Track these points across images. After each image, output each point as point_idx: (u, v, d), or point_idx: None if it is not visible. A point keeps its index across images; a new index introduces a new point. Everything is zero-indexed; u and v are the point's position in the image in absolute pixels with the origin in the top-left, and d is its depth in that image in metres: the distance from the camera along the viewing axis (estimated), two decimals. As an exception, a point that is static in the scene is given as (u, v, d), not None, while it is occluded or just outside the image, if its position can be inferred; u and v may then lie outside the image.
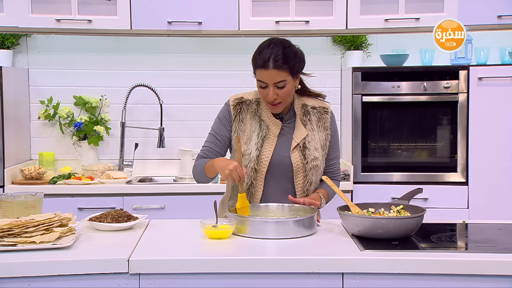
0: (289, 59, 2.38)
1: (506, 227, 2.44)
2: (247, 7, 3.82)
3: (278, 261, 1.99)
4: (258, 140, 2.46)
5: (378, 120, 3.89)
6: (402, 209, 2.34)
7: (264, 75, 2.37)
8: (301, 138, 2.48)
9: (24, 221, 2.08)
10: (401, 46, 4.18)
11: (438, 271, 1.96)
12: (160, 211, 3.68)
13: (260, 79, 2.39)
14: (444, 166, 3.84)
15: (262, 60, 2.36)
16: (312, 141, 2.50)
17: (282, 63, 2.35)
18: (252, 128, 2.50)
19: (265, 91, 2.41)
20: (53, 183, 3.73)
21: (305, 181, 2.49)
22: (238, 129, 2.50)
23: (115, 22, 3.80)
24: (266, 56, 2.36)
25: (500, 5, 3.79)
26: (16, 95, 3.97)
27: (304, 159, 2.47)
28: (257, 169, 2.45)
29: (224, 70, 4.28)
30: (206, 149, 2.56)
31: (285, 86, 2.39)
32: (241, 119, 2.51)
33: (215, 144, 2.55)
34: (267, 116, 2.51)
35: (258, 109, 2.53)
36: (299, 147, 2.48)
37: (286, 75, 2.38)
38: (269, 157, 2.45)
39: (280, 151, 2.47)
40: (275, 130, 2.49)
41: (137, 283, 1.97)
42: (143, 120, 4.25)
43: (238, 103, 2.53)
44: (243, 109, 2.52)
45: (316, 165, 2.49)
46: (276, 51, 2.36)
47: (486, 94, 3.77)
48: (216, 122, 2.58)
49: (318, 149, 2.52)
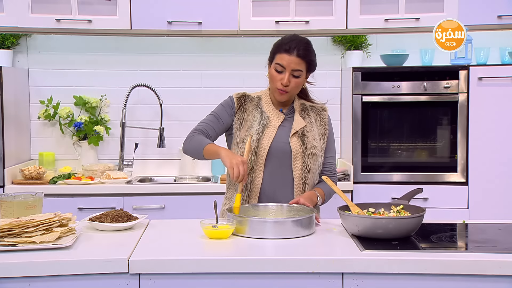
0: (310, 54, 2.54)
1: (506, 227, 2.44)
2: (247, 7, 3.82)
3: (278, 261, 1.99)
4: (259, 126, 2.55)
5: (378, 120, 3.89)
6: (402, 209, 2.34)
7: (285, 59, 2.49)
8: (300, 127, 2.57)
9: (24, 221, 2.08)
10: (401, 46, 4.19)
11: (438, 271, 1.96)
12: (160, 211, 3.69)
13: (279, 63, 2.51)
14: (444, 166, 3.84)
15: (288, 46, 2.50)
16: (311, 132, 2.59)
17: (304, 54, 2.51)
18: (254, 118, 2.58)
19: (279, 76, 2.52)
20: (53, 183, 3.73)
21: (303, 168, 2.54)
22: (240, 118, 2.59)
23: (115, 22, 3.80)
24: (293, 44, 2.51)
25: (500, 5, 3.79)
26: (16, 95, 3.97)
27: (302, 144, 2.54)
28: (257, 152, 2.52)
29: (224, 70, 4.28)
30: (205, 125, 2.62)
31: (299, 77, 2.52)
32: (244, 109, 2.61)
33: (214, 123, 2.61)
34: (269, 110, 2.61)
35: (260, 103, 2.63)
36: (297, 134, 2.57)
37: (304, 67, 2.52)
38: (269, 143, 2.53)
39: (280, 138, 2.56)
40: (276, 122, 2.58)
41: (137, 283, 1.97)
42: (143, 120, 4.25)
43: (241, 96, 2.64)
44: (246, 102, 2.63)
45: (314, 153, 2.55)
46: (302, 44, 2.53)
47: (486, 94, 3.77)
48: (218, 107, 2.66)
49: (317, 139, 2.59)
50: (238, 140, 2.57)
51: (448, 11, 3.78)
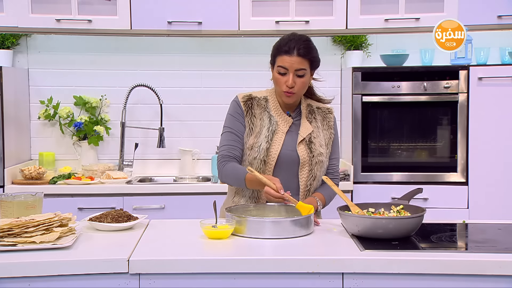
0: (311, 51, 2.49)
1: (506, 227, 2.43)
2: (247, 7, 3.82)
3: (278, 261, 1.99)
4: (268, 133, 2.51)
5: (378, 120, 3.89)
6: (402, 209, 2.34)
7: (286, 61, 2.45)
8: (307, 133, 2.54)
9: (24, 221, 2.08)
10: (401, 46, 4.19)
11: (438, 271, 1.96)
12: (160, 211, 3.69)
13: (281, 65, 2.47)
14: (444, 166, 3.84)
15: (288, 47, 2.46)
16: (317, 137, 2.56)
17: (305, 53, 2.46)
18: (263, 123, 2.54)
19: (283, 78, 2.47)
20: (53, 183, 3.73)
21: (310, 176, 2.53)
22: (250, 123, 2.54)
23: (115, 22, 3.80)
24: (292, 44, 2.46)
25: (500, 5, 3.79)
26: (16, 95, 3.97)
27: (310, 152, 2.52)
28: (266, 161, 2.49)
29: (224, 70, 4.28)
30: (229, 148, 2.54)
31: (304, 76, 2.48)
32: (252, 114, 2.56)
33: (235, 140, 2.55)
34: (277, 113, 2.57)
35: (267, 106, 2.58)
36: (305, 142, 2.54)
37: (307, 65, 2.47)
38: (277, 151, 2.50)
39: (288, 146, 2.52)
40: (284, 127, 2.55)
41: (137, 283, 1.97)
42: (143, 120, 4.25)
43: (248, 99, 2.58)
44: (253, 105, 2.57)
45: (321, 161, 2.54)
46: (301, 42, 2.48)
47: (486, 94, 3.77)
48: (229, 119, 2.59)
49: (323, 145, 2.57)
50: (246, 147, 2.53)
51: (448, 11, 3.78)
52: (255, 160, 2.49)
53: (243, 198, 2.57)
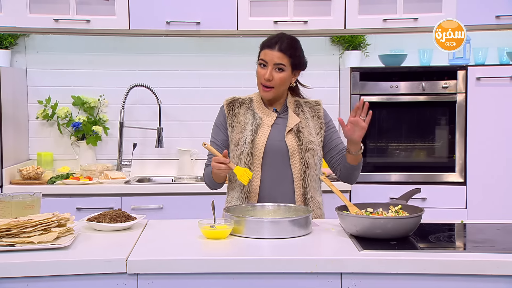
0: (294, 49, 2.56)
1: (505, 227, 2.44)
2: (245, 7, 3.82)
3: (277, 261, 1.99)
4: (252, 128, 2.56)
5: (376, 120, 3.89)
6: (400, 209, 2.34)
7: (267, 55, 2.55)
8: (294, 123, 2.58)
9: (22, 221, 2.08)
10: (399, 46, 4.19)
11: (437, 271, 1.96)
12: (159, 211, 3.68)
13: (262, 58, 2.57)
14: (442, 166, 3.85)
15: (271, 42, 2.56)
16: (306, 127, 2.59)
17: (286, 49, 2.53)
18: (246, 120, 2.59)
19: (263, 71, 2.56)
20: (51, 183, 3.73)
21: (302, 164, 2.54)
22: (232, 122, 2.60)
23: (113, 22, 3.80)
24: (275, 40, 2.56)
25: (498, 5, 3.80)
26: (14, 95, 3.96)
27: (299, 141, 2.55)
28: (253, 153, 2.53)
29: (222, 70, 4.28)
30: (210, 156, 2.64)
31: (283, 71, 2.54)
32: (234, 114, 2.63)
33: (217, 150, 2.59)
34: (260, 110, 2.62)
35: (251, 105, 2.64)
36: (293, 131, 2.57)
37: (287, 62, 2.53)
38: (264, 142, 2.53)
39: (275, 137, 2.56)
40: (268, 121, 2.59)
41: (135, 283, 1.97)
42: (141, 120, 4.25)
43: (230, 102, 2.66)
44: (235, 105, 2.65)
45: (312, 148, 2.55)
46: (284, 39, 2.57)
47: (484, 94, 3.77)
48: (214, 129, 2.69)
49: (313, 134, 2.59)
50: (233, 144, 2.59)
51: (446, 11, 3.78)
52: (242, 154, 2.53)
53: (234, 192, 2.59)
